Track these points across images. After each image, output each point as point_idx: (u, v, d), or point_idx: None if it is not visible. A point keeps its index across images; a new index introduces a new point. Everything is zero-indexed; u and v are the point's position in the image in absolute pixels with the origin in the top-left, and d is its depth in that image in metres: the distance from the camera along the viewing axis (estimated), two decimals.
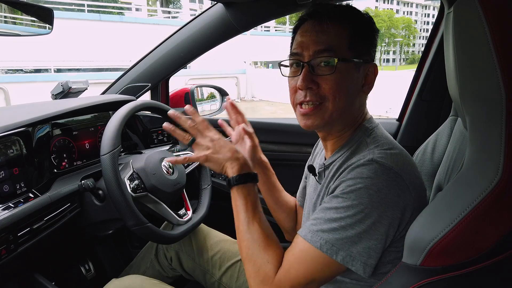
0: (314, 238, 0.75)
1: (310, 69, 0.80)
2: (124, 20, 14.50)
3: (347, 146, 0.86)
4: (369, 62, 0.85)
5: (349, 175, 0.76)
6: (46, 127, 1.18)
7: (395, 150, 0.80)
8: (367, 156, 0.77)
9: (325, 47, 0.80)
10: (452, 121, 1.01)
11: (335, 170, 0.84)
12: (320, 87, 0.80)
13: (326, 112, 0.81)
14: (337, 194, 0.76)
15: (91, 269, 1.45)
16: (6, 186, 1.00)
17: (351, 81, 0.82)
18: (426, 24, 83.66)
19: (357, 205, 0.72)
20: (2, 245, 0.92)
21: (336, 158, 0.87)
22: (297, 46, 0.83)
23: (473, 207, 0.57)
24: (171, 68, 1.70)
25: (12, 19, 1.20)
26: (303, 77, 0.80)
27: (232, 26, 1.49)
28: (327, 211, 0.76)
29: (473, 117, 0.60)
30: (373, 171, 0.74)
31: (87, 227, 1.26)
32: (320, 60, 0.80)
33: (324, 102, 0.81)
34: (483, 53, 0.55)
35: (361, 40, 0.83)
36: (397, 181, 0.74)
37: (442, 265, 0.60)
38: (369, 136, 0.84)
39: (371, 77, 0.85)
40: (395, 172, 0.74)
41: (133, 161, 1.21)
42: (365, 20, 0.84)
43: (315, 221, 0.77)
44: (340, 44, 0.80)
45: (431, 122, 1.45)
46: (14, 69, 12.08)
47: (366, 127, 0.86)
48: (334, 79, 0.79)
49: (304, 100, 0.81)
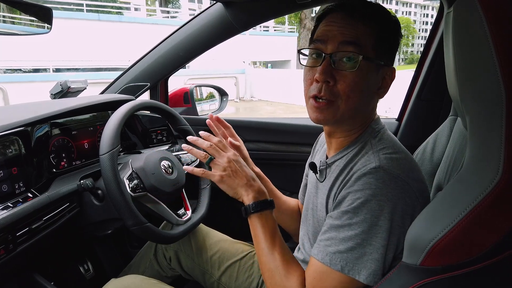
0: (334, 261, 0.74)
1: (331, 62, 0.78)
2: (123, 19, 14.49)
3: (352, 146, 0.85)
4: (389, 66, 0.84)
5: (355, 185, 0.75)
6: (45, 127, 1.17)
7: (400, 154, 0.80)
8: (372, 163, 0.76)
9: (351, 39, 0.77)
10: (452, 121, 1.01)
11: (339, 171, 0.84)
12: (337, 83, 0.78)
13: (337, 111, 0.80)
14: (347, 209, 0.74)
15: (90, 269, 1.45)
16: (4, 186, 1.00)
17: (369, 82, 0.80)
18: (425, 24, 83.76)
19: (370, 218, 0.72)
20: (1, 245, 0.92)
21: (339, 157, 0.86)
22: (322, 34, 0.80)
23: (473, 207, 0.57)
24: (170, 68, 1.69)
25: (11, 18, 1.20)
26: (322, 69, 0.77)
27: (231, 25, 1.48)
28: (341, 230, 0.75)
29: (473, 116, 0.60)
30: (381, 180, 0.73)
31: (86, 227, 1.26)
32: (343, 55, 0.77)
33: (337, 100, 0.79)
34: (483, 52, 0.54)
35: (386, 43, 0.81)
36: (405, 189, 0.74)
37: (442, 265, 0.60)
38: (375, 138, 0.84)
39: (388, 81, 0.84)
40: (403, 179, 0.74)
41: (132, 160, 1.21)
42: (393, 23, 0.82)
43: (329, 242, 0.76)
44: (366, 42, 0.78)
45: (431, 122, 1.45)
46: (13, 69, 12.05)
47: (373, 128, 0.86)
48: (353, 77, 0.77)
49: (318, 94, 0.79)
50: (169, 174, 1.24)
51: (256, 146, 1.75)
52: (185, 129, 1.42)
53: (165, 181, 1.21)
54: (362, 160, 0.79)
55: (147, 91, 1.75)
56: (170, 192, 1.21)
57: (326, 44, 0.79)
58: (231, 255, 1.25)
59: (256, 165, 1.15)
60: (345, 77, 0.77)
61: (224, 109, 2.16)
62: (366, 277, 0.72)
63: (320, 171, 0.91)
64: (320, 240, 0.79)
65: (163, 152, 1.30)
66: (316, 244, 0.79)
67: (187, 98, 1.96)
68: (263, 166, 1.20)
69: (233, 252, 1.25)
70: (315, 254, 0.78)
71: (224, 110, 2.16)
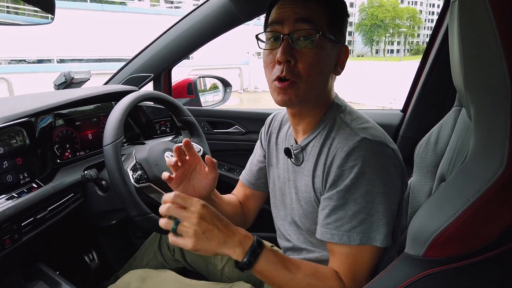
0: (352, 237, 0.77)
1: (289, 42, 0.79)
2: (126, 10, 14.41)
3: (322, 124, 0.88)
4: (343, 43, 0.86)
5: (349, 161, 0.77)
6: (48, 118, 1.18)
7: (370, 123, 0.85)
8: (356, 135, 0.79)
9: (306, 16, 0.79)
10: (456, 112, 0.99)
11: (318, 151, 0.86)
12: (297, 63, 0.79)
13: (299, 90, 0.81)
14: (347, 185, 0.77)
15: (95, 258, 1.46)
16: (9, 176, 1.01)
17: (327, 58, 0.83)
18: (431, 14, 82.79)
19: (371, 188, 0.76)
20: (6, 235, 0.93)
21: (312, 138, 0.89)
22: (277, 16, 0.82)
23: (477, 198, 0.56)
24: (174, 59, 1.69)
25: (14, 9, 1.19)
26: (282, 49, 0.79)
27: (235, 15, 1.47)
28: (347, 207, 0.78)
29: (478, 107, 0.59)
30: (370, 150, 0.77)
31: (91, 217, 1.27)
32: (300, 34, 0.79)
33: (297, 80, 0.80)
34: (488, 42, 0.54)
35: (337, 20, 0.84)
36: (390, 153, 0.80)
37: (445, 256, 0.60)
38: (343, 112, 0.87)
39: (343, 58, 0.87)
40: (386, 144, 0.80)
41: (136, 151, 1.21)
42: (341, 3, 0.86)
43: (339, 222, 0.78)
44: (320, 19, 0.80)
45: (436, 113, 1.43)
46: (17, 60, 12.08)
47: (337, 104, 0.89)
48: (312, 55, 0.79)
49: (280, 75, 0.80)
50: None
51: None
52: (189, 120, 1.42)
53: (169, 172, 1.21)
54: (340, 135, 0.82)
55: (150, 82, 1.75)
56: None
57: (282, 25, 0.81)
58: None
59: None
60: (305, 55, 0.79)
61: (227, 100, 2.15)
62: (382, 241, 0.76)
63: (295, 155, 0.92)
64: (327, 223, 0.80)
65: (167, 143, 1.30)
66: (324, 229, 0.80)
67: (190, 89, 1.96)
68: None
69: None
70: (329, 238, 0.79)
71: (227, 101, 2.16)
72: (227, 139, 1.81)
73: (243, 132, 1.77)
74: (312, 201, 0.88)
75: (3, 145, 1.01)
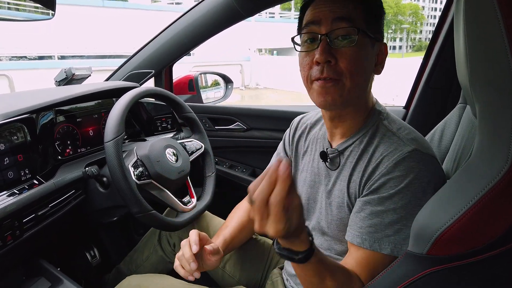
0: (383, 245, 0.75)
1: (328, 42, 0.76)
2: (127, 6, 14.41)
3: (363, 129, 0.85)
4: (381, 40, 0.83)
5: (396, 170, 0.75)
6: (49, 114, 1.17)
7: (416, 133, 0.82)
8: (405, 146, 0.77)
9: (344, 15, 0.76)
10: (461, 109, 0.99)
11: (358, 156, 0.83)
12: (338, 62, 0.76)
13: (344, 89, 0.77)
14: (390, 194, 0.75)
15: (97, 255, 1.46)
16: (10, 173, 1.01)
17: (368, 57, 0.80)
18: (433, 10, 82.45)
19: (415, 200, 0.73)
20: (8, 231, 0.93)
21: (351, 143, 0.85)
22: (313, 17, 0.79)
23: (481, 196, 0.56)
24: (175, 55, 1.68)
25: (14, 5, 1.19)
26: (321, 50, 0.76)
27: (237, 11, 1.46)
28: (385, 215, 0.75)
29: (483, 104, 0.59)
30: (421, 162, 0.75)
31: (92, 214, 1.27)
32: (338, 33, 0.76)
33: (341, 78, 0.77)
34: (494, 38, 0.53)
35: (374, 17, 0.81)
36: (438, 165, 0.78)
37: (449, 254, 0.60)
38: (386, 119, 0.84)
39: (382, 56, 0.84)
40: (434, 156, 0.78)
41: (137, 148, 1.21)
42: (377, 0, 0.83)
43: (374, 228, 0.76)
44: (358, 16, 0.77)
45: (439, 109, 1.43)
46: (18, 56, 12.08)
47: (378, 110, 0.86)
48: (353, 52, 0.76)
49: (321, 76, 0.77)
50: (174, 162, 1.24)
51: (261, 133, 1.75)
52: (190, 116, 1.41)
53: (170, 168, 1.21)
54: (387, 144, 0.79)
55: (151, 78, 1.74)
56: (175, 180, 1.21)
57: (319, 25, 0.78)
58: None
59: (261, 153, 1.14)
60: (345, 54, 0.76)
61: (229, 97, 2.15)
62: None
63: (331, 159, 0.89)
64: (360, 227, 0.78)
65: (168, 140, 1.30)
66: (357, 232, 0.78)
67: (191, 86, 1.95)
68: (268, 154, 1.20)
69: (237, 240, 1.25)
70: (359, 242, 0.77)
71: (229, 98, 2.15)
72: (228, 136, 1.81)
73: (245, 128, 1.77)
74: (344, 206, 0.85)
75: (4, 141, 1.00)
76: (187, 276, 0.91)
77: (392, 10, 66.07)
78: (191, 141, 1.42)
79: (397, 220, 0.74)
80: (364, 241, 0.77)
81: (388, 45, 0.87)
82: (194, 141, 1.42)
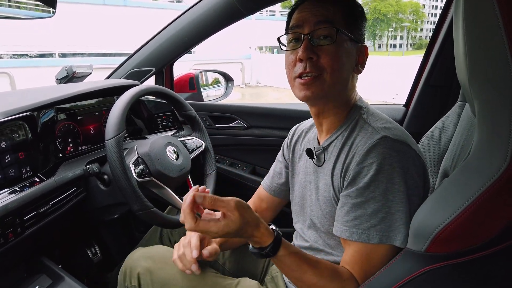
0: (371, 235, 0.77)
1: (310, 41, 0.82)
2: (128, 4, 14.36)
3: (344, 125, 0.89)
4: (362, 43, 0.89)
5: (368, 158, 0.78)
6: (50, 112, 1.18)
7: (393, 124, 0.85)
8: (377, 134, 0.80)
9: (325, 18, 0.83)
10: (460, 107, 0.99)
11: (338, 150, 0.87)
12: (320, 58, 0.82)
13: (324, 83, 0.83)
14: (366, 183, 0.77)
15: (98, 253, 1.47)
16: (12, 170, 1.01)
17: (348, 54, 0.85)
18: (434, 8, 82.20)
19: (391, 186, 0.75)
20: (9, 229, 0.94)
21: (334, 139, 0.90)
22: (297, 20, 0.86)
23: (480, 194, 0.56)
24: (175, 53, 1.69)
25: (16, 3, 1.19)
26: (304, 47, 0.82)
27: (237, 9, 1.46)
28: (366, 205, 0.78)
29: (482, 102, 0.59)
30: (390, 148, 0.77)
31: (93, 211, 1.27)
32: (320, 33, 0.83)
33: (322, 73, 0.82)
34: (494, 36, 0.53)
35: (355, 21, 0.87)
36: (411, 153, 0.79)
37: (447, 251, 0.60)
38: (365, 113, 0.88)
39: (363, 57, 0.89)
40: (407, 144, 0.79)
41: (138, 146, 1.21)
42: (357, 5, 0.89)
43: (358, 220, 0.78)
44: (338, 19, 0.83)
45: (439, 108, 1.43)
46: (19, 54, 12.08)
47: (359, 105, 0.91)
48: (333, 49, 0.82)
49: (304, 71, 0.82)
50: (175, 160, 1.24)
51: (262, 132, 1.75)
52: (191, 114, 1.42)
53: (170, 166, 1.21)
54: (362, 135, 0.83)
55: (152, 76, 1.75)
56: (175, 178, 1.21)
57: (302, 27, 0.84)
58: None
59: (262, 151, 1.15)
60: (326, 51, 0.82)
61: (229, 95, 2.15)
62: (401, 241, 0.75)
63: (317, 156, 0.94)
64: (346, 221, 0.80)
65: (169, 138, 1.30)
66: (343, 227, 0.81)
67: (192, 84, 1.95)
68: (268, 152, 1.20)
69: None
70: (348, 236, 0.80)
71: (229, 96, 2.15)
72: (228, 134, 1.81)
73: (245, 126, 1.77)
74: (331, 199, 0.88)
75: (6, 139, 1.01)
76: (185, 270, 0.94)
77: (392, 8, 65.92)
78: (192, 139, 1.42)
79: (378, 208, 0.76)
80: (352, 234, 0.79)
81: (388, 43, 0.90)
82: (195, 139, 1.42)
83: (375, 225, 0.77)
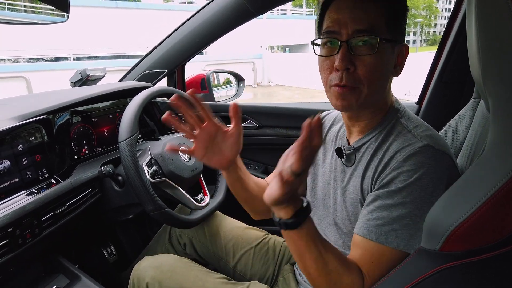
0: (389, 238, 0.75)
1: (348, 48, 0.77)
2: (140, 6, 14.54)
3: (379, 127, 0.85)
4: (402, 42, 0.83)
5: (406, 165, 0.75)
6: (66, 115, 1.20)
7: (433, 131, 0.81)
8: (417, 142, 0.77)
9: (366, 27, 0.76)
10: (475, 104, 0.98)
11: (372, 153, 0.83)
12: (357, 69, 0.77)
13: (361, 95, 0.79)
14: (399, 188, 0.75)
15: (113, 252, 1.49)
16: (29, 173, 1.03)
17: (387, 62, 0.80)
18: (448, 3, 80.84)
19: (424, 196, 0.73)
20: (27, 229, 0.96)
21: (367, 140, 0.86)
22: (333, 23, 0.79)
23: (495, 192, 0.55)
24: (187, 54, 1.70)
25: (31, 8, 1.22)
26: (341, 57, 0.76)
27: (247, 9, 1.47)
28: (393, 209, 0.75)
29: (496, 99, 0.58)
30: (432, 158, 0.74)
31: (108, 212, 1.29)
32: (359, 39, 0.76)
33: (359, 86, 0.78)
34: (507, 32, 0.52)
35: (396, 20, 0.80)
36: (451, 163, 0.76)
37: (462, 250, 0.59)
38: (403, 117, 0.84)
39: (402, 58, 0.84)
40: (448, 154, 0.77)
41: (151, 147, 1.23)
42: (401, 2, 0.82)
43: (381, 221, 0.76)
44: (380, 23, 0.77)
45: (452, 105, 1.41)
46: (35, 58, 12.31)
47: (396, 108, 0.86)
48: (372, 60, 0.77)
49: (340, 83, 0.78)
50: (187, 160, 1.25)
51: (274, 131, 1.75)
52: None
53: (183, 167, 1.22)
54: (400, 140, 0.80)
55: (164, 78, 1.76)
56: (188, 178, 1.22)
57: (340, 33, 0.78)
58: (245, 242, 1.25)
59: (274, 151, 1.14)
60: (365, 61, 0.77)
61: (241, 95, 2.15)
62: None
63: (347, 156, 0.90)
64: (368, 219, 0.78)
65: (181, 139, 1.31)
66: (364, 224, 0.78)
67: (204, 84, 1.96)
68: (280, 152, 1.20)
69: (247, 239, 1.26)
70: (366, 234, 0.77)
71: (241, 96, 2.16)
72: None
73: (257, 126, 1.77)
74: (357, 202, 0.85)
75: (23, 142, 1.03)
76: None
77: None
78: None
79: (405, 214, 0.74)
80: (370, 233, 0.77)
81: None
82: None
83: (397, 229, 0.74)
